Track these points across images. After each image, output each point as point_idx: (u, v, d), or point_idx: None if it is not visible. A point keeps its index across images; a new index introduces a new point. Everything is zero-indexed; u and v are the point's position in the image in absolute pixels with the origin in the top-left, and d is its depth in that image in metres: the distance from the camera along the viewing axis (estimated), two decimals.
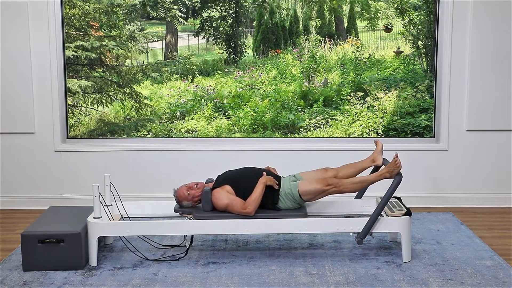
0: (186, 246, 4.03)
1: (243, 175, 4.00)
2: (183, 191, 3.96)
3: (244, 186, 3.91)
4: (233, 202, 3.85)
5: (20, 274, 3.73)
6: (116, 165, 5.14)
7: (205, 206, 3.91)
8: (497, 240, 4.36)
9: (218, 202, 3.88)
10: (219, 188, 3.93)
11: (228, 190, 3.91)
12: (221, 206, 3.88)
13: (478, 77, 5.07)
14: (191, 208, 3.97)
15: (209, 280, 3.64)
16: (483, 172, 5.21)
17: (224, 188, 3.92)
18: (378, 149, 4.06)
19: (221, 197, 3.88)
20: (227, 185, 3.93)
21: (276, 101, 5.31)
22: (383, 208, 3.84)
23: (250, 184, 3.90)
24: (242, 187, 3.91)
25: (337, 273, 3.72)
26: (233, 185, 3.93)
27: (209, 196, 3.90)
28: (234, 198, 3.87)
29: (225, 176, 4.02)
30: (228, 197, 3.87)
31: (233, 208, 3.84)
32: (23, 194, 5.21)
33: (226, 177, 4.00)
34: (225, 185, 3.93)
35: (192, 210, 3.94)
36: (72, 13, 5.14)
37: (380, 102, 5.26)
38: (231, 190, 3.91)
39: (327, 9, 5.35)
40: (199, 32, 5.34)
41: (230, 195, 3.88)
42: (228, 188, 3.92)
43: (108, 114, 5.28)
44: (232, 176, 4.00)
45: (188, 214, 3.92)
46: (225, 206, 3.86)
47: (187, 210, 3.95)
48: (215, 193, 3.91)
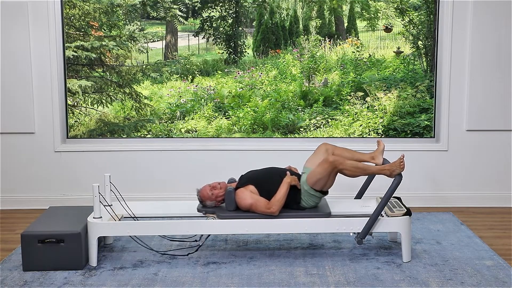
0: (199, 244, 4.03)
1: (266, 175, 4.00)
2: (206, 191, 3.97)
3: (267, 186, 3.92)
4: (257, 202, 3.86)
5: (20, 274, 3.73)
6: (116, 165, 5.14)
7: (228, 205, 3.92)
8: (497, 240, 4.36)
9: (242, 202, 3.88)
10: (243, 188, 3.94)
11: (252, 190, 3.92)
12: (245, 205, 3.88)
13: (478, 77, 5.07)
14: (214, 208, 3.97)
15: (209, 280, 3.64)
16: (483, 172, 5.21)
17: (247, 188, 3.93)
18: (380, 149, 4.06)
19: (245, 196, 3.88)
20: (251, 185, 3.94)
21: (276, 101, 5.31)
22: (383, 208, 3.84)
23: (274, 184, 3.90)
24: (265, 187, 3.92)
25: (337, 273, 3.72)
26: (256, 185, 3.93)
27: (232, 195, 3.90)
28: (258, 198, 3.87)
29: (248, 176, 4.03)
30: (252, 197, 3.88)
31: (257, 208, 3.85)
32: (23, 194, 5.21)
33: (250, 177, 4.01)
34: (248, 185, 3.94)
35: (215, 210, 3.94)
36: (72, 13, 5.14)
37: (380, 102, 5.26)
38: (255, 190, 3.92)
39: (327, 9, 5.35)
40: (199, 32, 5.34)
41: (254, 195, 3.89)
42: (252, 188, 3.93)
43: (108, 114, 5.28)
44: (256, 176, 4.01)
45: (212, 214, 3.93)
46: (249, 206, 3.87)
47: (211, 210, 3.96)
48: (239, 193, 3.92)
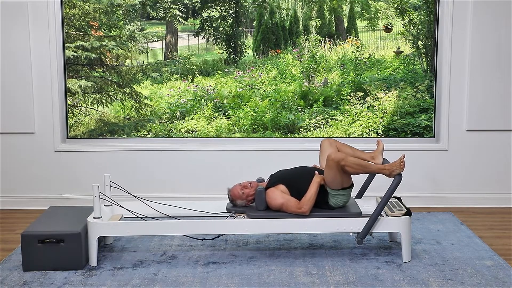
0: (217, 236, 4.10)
1: (296, 175, 4.00)
2: (237, 190, 3.97)
3: (298, 185, 3.92)
4: (288, 201, 3.85)
5: (20, 274, 3.73)
6: (116, 165, 5.14)
7: (259, 205, 3.91)
8: (497, 240, 4.36)
9: (273, 201, 3.88)
10: (273, 188, 3.94)
11: (283, 190, 3.91)
12: (275, 205, 3.88)
13: (478, 77, 5.07)
14: (244, 208, 3.98)
15: (209, 280, 3.64)
16: (483, 172, 5.21)
17: (278, 187, 3.93)
18: (379, 149, 4.05)
19: (275, 196, 3.88)
20: (281, 184, 3.94)
21: (276, 101, 5.31)
22: (383, 208, 3.84)
23: (304, 183, 3.90)
24: (296, 187, 3.92)
25: (337, 273, 3.72)
26: (287, 185, 3.93)
27: (263, 195, 3.90)
28: (289, 198, 3.87)
29: (278, 176, 4.03)
30: (283, 196, 3.88)
31: (287, 208, 3.85)
32: (23, 194, 5.21)
33: (280, 177, 4.01)
34: (279, 185, 3.94)
35: (245, 209, 3.95)
36: (72, 13, 5.14)
37: (380, 102, 5.26)
38: (286, 190, 3.92)
39: (327, 9, 5.35)
40: (199, 32, 5.34)
41: (284, 194, 3.89)
42: (283, 187, 3.92)
43: (108, 114, 5.28)
44: (286, 176, 4.01)
45: (242, 213, 3.93)
46: (279, 205, 3.87)
47: (241, 209, 3.96)
48: (270, 193, 3.92)
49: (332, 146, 4.09)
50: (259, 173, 4.40)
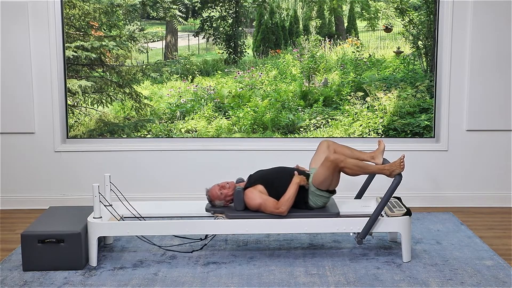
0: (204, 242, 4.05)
1: (275, 175, 4.00)
2: (215, 190, 3.97)
3: (276, 185, 3.92)
4: (266, 202, 3.85)
5: (20, 274, 3.73)
6: (116, 165, 5.14)
7: (237, 205, 3.91)
8: (497, 240, 4.36)
9: (251, 201, 3.88)
10: (251, 188, 3.94)
11: (261, 190, 3.91)
12: (254, 205, 3.88)
13: (478, 77, 5.07)
14: (223, 208, 3.97)
15: (209, 280, 3.64)
16: (483, 172, 5.20)
17: (256, 187, 3.93)
18: (380, 149, 4.05)
19: (254, 196, 3.88)
20: (259, 184, 3.94)
21: (276, 101, 5.31)
22: (383, 208, 3.84)
23: (283, 183, 3.90)
24: (275, 187, 3.91)
25: (337, 273, 3.72)
26: (265, 185, 3.93)
27: (241, 195, 3.90)
28: (267, 198, 3.87)
29: (257, 176, 4.02)
30: (261, 196, 3.87)
31: (266, 208, 3.84)
32: (23, 194, 5.21)
33: (259, 177, 4.00)
34: (257, 185, 3.94)
35: (224, 210, 3.94)
36: (72, 13, 5.14)
37: (380, 102, 5.26)
38: (264, 190, 3.92)
39: (327, 9, 5.35)
40: (199, 32, 5.34)
41: (262, 194, 3.89)
42: (261, 187, 3.92)
43: (108, 114, 5.28)
44: (265, 176, 4.00)
45: (220, 213, 3.93)
46: (258, 205, 3.86)
47: (219, 209, 3.96)
48: (248, 193, 3.92)
49: (330, 148, 4.08)
50: None
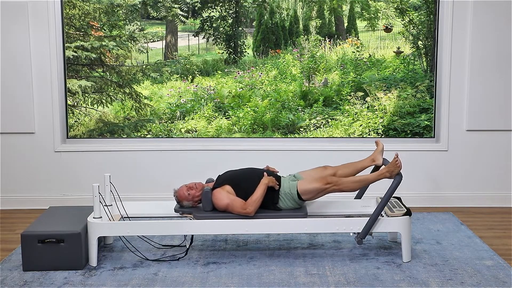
0: (186, 246, 4.03)
1: (244, 175, 3.99)
2: (183, 191, 3.96)
3: (245, 186, 3.91)
4: (233, 202, 3.84)
5: (20, 274, 3.73)
6: (116, 165, 5.14)
7: (205, 206, 3.91)
8: (497, 240, 4.36)
9: (219, 202, 3.87)
10: (219, 188, 3.93)
11: (229, 190, 3.91)
12: (221, 206, 3.87)
13: (478, 77, 5.07)
14: (191, 208, 3.97)
15: (209, 280, 3.64)
16: (483, 172, 5.20)
17: (224, 188, 3.92)
18: (379, 149, 4.06)
19: (221, 197, 3.87)
20: (227, 185, 3.93)
21: (276, 101, 5.31)
22: (383, 208, 3.84)
23: (251, 184, 3.90)
24: (243, 187, 3.91)
25: (337, 273, 3.72)
26: (233, 185, 3.92)
27: (209, 196, 3.90)
28: (235, 198, 3.86)
29: (225, 176, 4.02)
30: (228, 197, 3.87)
31: (233, 208, 3.84)
32: (23, 194, 5.21)
33: (227, 177, 4.00)
34: (225, 185, 3.93)
35: (192, 210, 3.94)
36: (72, 13, 5.14)
37: (380, 102, 5.26)
38: (232, 190, 3.91)
39: (327, 9, 5.35)
40: (199, 32, 5.34)
41: (230, 195, 3.88)
42: (229, 188, 3.92)
43: (108, 114, 5.28)
44: (233, 176, 4.00)
45: (189, 214, 3.93)
46: (225, 206, 3.86)
47: (188, 210, 3.96)
48: (216, 193, 3.91)
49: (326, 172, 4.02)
50: None
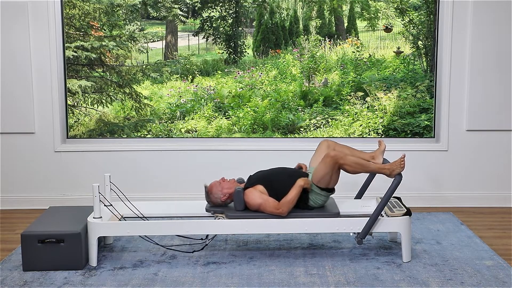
0: (205, 242, 4.04)
1: (275, 175, 3.99)
2: (215, 183, 3.97)
3: (276, 186, 3.91)
4: (266, 202, 3.85)
5: (20, 274, 3.73)
6: (116, 165, 5.14)
7: (237, 205, 3.91)
8: (497, 240, 4.36)
9: (251, 201, 3.88)
10: (251, 188, 3.93)
11: (261, 190, 3.91)
12: (254, 205, 3.88)
13: (478, 77, 5.07)
14: (223, 208, 3.97)
15: (209, 280, 3.64)
16: (483, 172, 5.21)
17: (256, 188, 3.93)
18: (381, 149, 4.05)
19: (254, 196, 3.88)
20: (259, 185, 3.94)
21: (276, 101, 5.31)
22: (383, 208, 3.84)
23: (283, 184, 3.90)
24: (274, 187, 3.91)
25: (337, 273, 3.72)
26: (265, 185, 3.93)
27: (241, 195, 3.90)
28: (268, 198, 3.87)
29: (257, 176, 4.02)
30: (261, 196, 3.87)
31: (265, 208, 3.84)
32: (23, 194, 5.21)
33: (259, 177, 4.00)
34: (257, 185, 3.94)
35: (224, 210, 3.94)
36: (72, 13, 5.14)
37: (380, 102, 5.27)
38: (264, 190, 3.91)
39: (327, 9, 5.35)
40: (199, 32, 5.34)
41: (263, 195, 3.89)
42: (261, 188, 3.92)
43: (108, 114, 5.28)
44: (265, 176, 4.00)
45: (220, 213, 3.93)
46: (258, 205, 3.86)
47: (219, 209, 3.96)
48: (248, 193, 3.91)
49: (330, 147, 4.08)
50: None
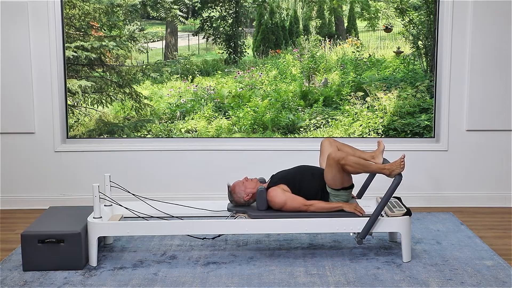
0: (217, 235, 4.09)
1: (298, 174, 4.00)
2: (239, 183, 3.98)
3: (299, 184, 3.93)
4: (293, 198, 3.87)
5: (20, 274, 3.73)
6: (116, 165, 5.14)
7: (260, 205, 3.91)
8: (497, 240, 4.36)
9: (276, 199, 3.88)
10: (275, 187, 3.94)
11: (284, 189, 3.92)
12: (278, 203, 3.88)
13: (478, 77, 5.07)
14: (245, 207, 3.97)
15: (209, 280, 3.64)
16: (483, 172, 5.21)
17: (280, 186, 3.94)
18: (380, 149, 4.05)
19: (278, 194, 3.88)
20: (283, 184, 3.95)
21: (276, 101, 5.31)
22: (383, 208, 3.84)
23: (305, 182, 3.93)
24: (297, 186, 3.93)
25: (337, 273, 3.72)
26: (288, 184, 3.94)
27: (264, 195, 3.90)
28: (293, 195, 3.88)
29: (280, 176, 4.03)
30: (285, 194, 3.88)
31: (292, 204, 3.85)
32: (23, 194, 5.21)
33: (281, 177, 4.01)
34: (281, 184, 3.95)
35: (246, 209, 3.94)
36: (72, 13, 5.14)
37: (380, 102, 5.27)
38: (287, 189, 3.93)
39: (327, 9, 5.35)
40: (199, 32, 5.34)
41: (287, 192, 3.90)
42: (284, 186, 3.94)
43: (108, 114, 5.28)
44: (287, 175, 4.01)
45: (243, 213, 3.92)
46: (283, 202, 3.86)
47: (242, 209, 3.96)
48: (271, 192, 3.92)
49: (332, 146, 4.10)
50: (260, 173, 4.39)
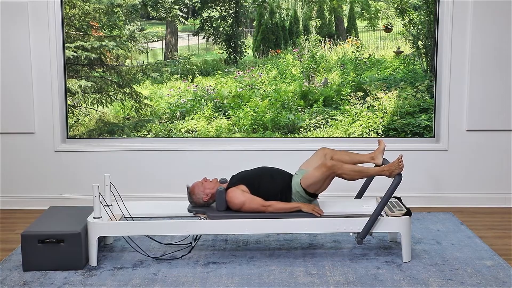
0: (191, 245, 4.03)
1: (257, 175, 4.00)
2: (197, 183, 3.98)
3: (258, 186, 3.92)
4: (251, 199, 3.86)
5: (20, 274, 3.73)
6: (116, 165, 5.14)
7: (219, 205, 3.91)
8: (497, 240, 4.36)
9: (234, 200, 3.88)
10: (234, 187, 3.94)
11: (243, 189, 3.92)
12: (237, 204, 3.88)
13: (478, 77, 5.07)
14: (204, 208, 3.97)
15: (209, 280, 3.64)
16: (483, 172, 5.20)
17: (239, 187, 3.93)
18: (380, 148, 4.05)
19: (237, 195, 3.88)
20: (242, 184, 3.94)
21: (276, 101, 5.31)
22: (383, 208, 3.84)
23: (265, 184, 3.92)
24: (256, 187, 3.92)
25: (337, 273, 3.72)
26: (248, 185, 3.94)
27: (223, 195, 3.90)
28: (253, 196, 3.88)
29: (239, 177, 4.03)
30: (244, 195, 3.88)
31: (250, 205, 3.85)
32: (23, 194, 5.21)
33: (241, 177, 4.01)
34: (240, 185, 3.94)
35: (206, 210, 3.94)
36: (72, 13, 5.14)
37: (380, 102, 5.27)
38: (246, 190, 3.92)
39: (327, 9, 5.35)
40: (199, 32, 5.34)
41: (246, 193, 3.90)
42: (243, 187, 3.93)
43: (108, 114, 5.28)
44: (247, 176, 4.01)
45: (202, 214, 3.92)
46: (241, 203, 3.86)
47: (201, 210, 3.96)
48: (230, 192, 3.92)
49: (326, 157, 4.05)
50: None
